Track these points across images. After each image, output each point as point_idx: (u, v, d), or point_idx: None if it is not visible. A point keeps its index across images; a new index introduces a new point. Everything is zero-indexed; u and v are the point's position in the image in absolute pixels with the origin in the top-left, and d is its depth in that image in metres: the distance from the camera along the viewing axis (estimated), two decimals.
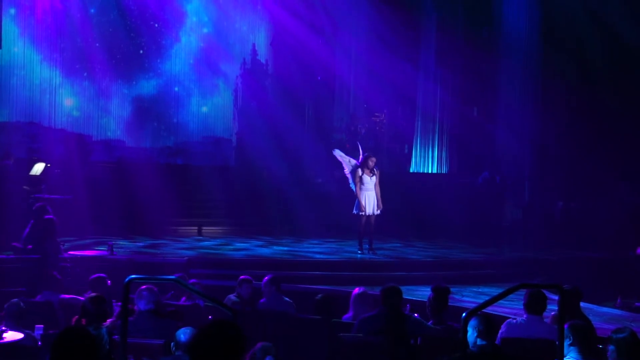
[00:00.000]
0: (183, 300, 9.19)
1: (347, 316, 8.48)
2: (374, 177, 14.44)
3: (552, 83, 18.57)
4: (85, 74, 19.55)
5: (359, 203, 14.41)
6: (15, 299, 8.07)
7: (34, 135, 18.50)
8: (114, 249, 13.53)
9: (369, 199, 14.40)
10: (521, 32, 19.41)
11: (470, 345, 5.84)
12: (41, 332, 7.61)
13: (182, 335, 5.97)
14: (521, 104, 19.27)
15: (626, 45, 17.71)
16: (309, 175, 18.86)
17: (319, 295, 8.39)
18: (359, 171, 14.41)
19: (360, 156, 14.63)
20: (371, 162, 14.45)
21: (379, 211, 14.50)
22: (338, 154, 14.99)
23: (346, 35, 20.61)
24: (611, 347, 5.77)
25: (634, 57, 17.77)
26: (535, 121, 19.07)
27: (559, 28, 18.74)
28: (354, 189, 14.50)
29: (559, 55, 18.59)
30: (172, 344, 6.12)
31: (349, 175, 14.64)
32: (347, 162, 14.69)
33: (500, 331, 6.89)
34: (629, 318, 11.31)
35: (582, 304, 7.74)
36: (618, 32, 17.77)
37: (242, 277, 9.66)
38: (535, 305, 7.10)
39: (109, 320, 7.10)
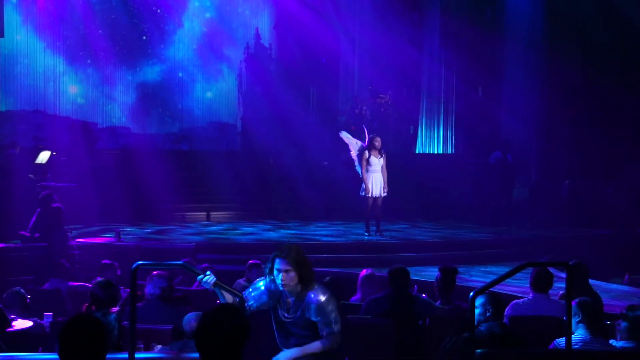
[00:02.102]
0: (196, 286, 9.19)
1: (355, 298, 8.50)
2: (381, 159, 14.40)
3: (556, 63, 18.45)
4: (89, 61, 19.50)
5: (365, 185, 14.39)
6: (17, 287, 8.09)
7: (39, 124, 18.51)
8: (122, 236, 13.57)
9: (375, 180, 14.38)
10: (525, 13, 19.28)
11: (478, 324, 5.84)
12: (50, 319, 7.65)
13: (187, 322, 5.97)
14: (526, 84, 19.19)
15: (631, 26, 17.57)
16: (314, 159, 18.81)
17: (327, 278, 8.38)
18: (366, 153, 14.37)
19: (367, 139, 14.61)
20: (377, 143, 14.42)
21: (385, 193, 14.49)
22: (345, 135, 14.95)
23: (349, 17, 20.50)
24: (624, 324, 5.77)
25: (639, 38, 17.64)
26: (540, 101, 19.00)
27: (563, 8, 18.61)
28: (360, 172, 14.48)
29: (564, 35, 18.47)
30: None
31: (355, 158, 14.60)
32: (354, 144, 14.65)
33: (506, 312, 6.89)
34: (637, 294, 11.32)
35: (590, 281, 7.75)
36: (623, 12, 17.63)
37: (251, 261, 9.64)
38: (541, 283, 7.13)
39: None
